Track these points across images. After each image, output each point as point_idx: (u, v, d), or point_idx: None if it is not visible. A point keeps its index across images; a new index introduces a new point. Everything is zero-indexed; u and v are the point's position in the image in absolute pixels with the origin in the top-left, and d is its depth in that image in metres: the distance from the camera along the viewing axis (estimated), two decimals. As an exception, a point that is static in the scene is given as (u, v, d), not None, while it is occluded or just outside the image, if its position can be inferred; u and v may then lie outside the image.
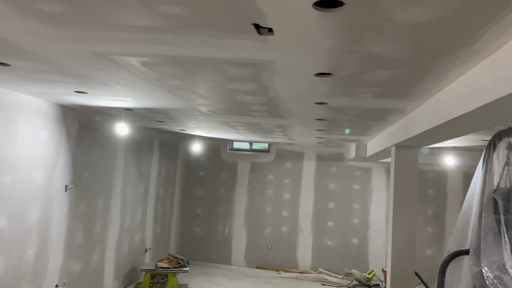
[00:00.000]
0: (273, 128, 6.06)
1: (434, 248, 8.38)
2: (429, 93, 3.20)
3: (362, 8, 1.70)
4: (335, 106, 3.96)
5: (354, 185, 8.97)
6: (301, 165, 9.17)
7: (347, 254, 8.78)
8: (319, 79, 2.93)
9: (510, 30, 1.86)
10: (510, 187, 3.97)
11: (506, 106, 2.28)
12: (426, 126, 3.52)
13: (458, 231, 4.49)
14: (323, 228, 8.95)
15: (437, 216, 8.58)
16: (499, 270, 3.47)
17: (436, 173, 8.67)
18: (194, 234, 9.38)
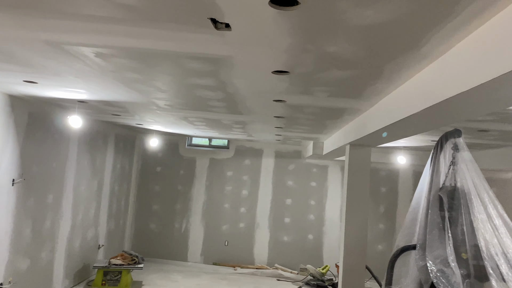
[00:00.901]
0: (233, 125, 6.06)
1: (385, 244, 8.71)
2: (382, 93, 3.32)
3: (316, 8, 1.74)
4: (292, 104, 4.02)
5: (311, 182, 9.14)
6: (260, 162, 9.24)
7: (303, 249, 8.95)
8: (277, 77, 2.96)
9: (456, 34, 1.96)
10: (455, 186, 4.20)
11: (453, 107, 2.39)
12: (378, 125, 3.64)
13: (406, 227, 4.69)
14: (280, 224, 9.07)
15: (389, 213, 8.92)
16: (442, 264, 3.66)
17: (388, 172, 9.00)
18: (150, 230, 9.23)
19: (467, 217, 3.92)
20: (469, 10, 1.68)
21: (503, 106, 2.48)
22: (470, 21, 1.79)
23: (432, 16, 1.76)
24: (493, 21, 1.73)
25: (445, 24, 1.84)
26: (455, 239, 3.86)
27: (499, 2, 1.60)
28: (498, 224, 3.72)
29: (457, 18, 1.76)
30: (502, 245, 3.58)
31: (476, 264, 3.65)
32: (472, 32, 1.90)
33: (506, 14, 1.64)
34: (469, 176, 4.09)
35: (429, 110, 2.50)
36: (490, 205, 3.87)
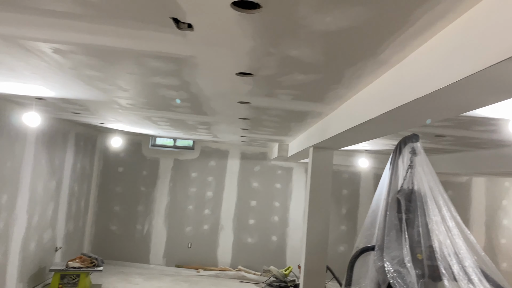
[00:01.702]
0: (197, 125, 6.01)
1: (347, 245, 8.89)
2: (343, 98, 3.39)
3: (278, 12, 1.76)
4: (257, 106, 4.04)
5: (276, 184, 9.21)
6: (226, 163, 9.21)
7: (267, 251, 9.00)
8: (241, 79, 2.97)
9: (411, 43, 2.03)
10: (412, 189, 4.35)
11: (409, 113, 2.47)
12: (340, 129, 3.71)
13: (366, 229, 4.82)
14: (244, 226, 9.08)
15: (350, 215, 9.12)
16: (399, 265, 3.78)
17: (350, 174, 9.20)
18: (111, 232, 9.00)
19: (423, 219, 4.08)
20: (423, 20, 1.75)
21: (457, 113, 2.58)
22: (424, 31, 1.86)
23: (389, 24, 1.82)
24: (445, 31, 1.81)
25: (401, 33, 1.91)
26: (412, 240, 4.00)
27: (449, 14, 1.67)
28: (451, 226, 3.89)
29: (412, 27, 1.83)
30: (454, 245, 3.74)
31: (431, 264, 3.79)
32: (427, 41, 1.98)
33: (456, 26, 1.72)
34: (425, 179, 4.25)
35: (387, 115, 2.57)
36: (444, 208, 4.03)
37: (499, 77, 1.54)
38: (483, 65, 1.47)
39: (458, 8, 1.61)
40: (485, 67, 1.46)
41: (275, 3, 1.67)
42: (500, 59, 1.37)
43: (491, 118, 3.71)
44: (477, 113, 3.53)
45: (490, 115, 3.57)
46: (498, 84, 1.64)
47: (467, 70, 1.57)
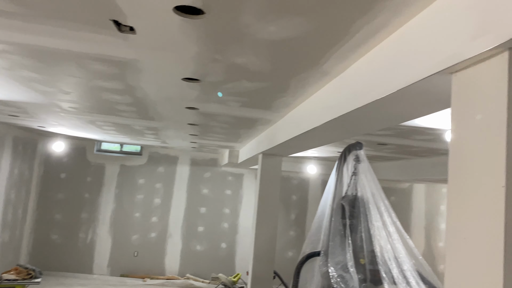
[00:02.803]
0: (144, 130, 5.86)
1: (295, 250, 9.00)
2: (290, 106, 3.44)
3: (221, 19, 1.75)
4: (206, 112, 4.00)
5: (226, 190, 9.16)
6: (175, 170, 9.04)
7: (216, 258, 8.91)
8: (187, 84, 2.93)
9: (351, 55, 2.10)
10: (356, 195, 4.48)
11: (351, 122, 2.54)
12: (287, 136, 3.76)
13: (312, 234, 4.90)
14: (193, 233, 8.94)
15: (299, 220, 9.25)
16: (343, 270, 3.87)
17: (300, 180, 9.35)
18: (51, 241, 8.53)
19: (366, 224, 4.21)
20: (361, 34, 1.81)
21: (395, 122, 2.69)
22: (363, 44, 1.92)
23: (330, 36, 1.87)
24: (382, 45, 1.88)
25: (342, 45, 1.96)
26: (355, 246, 4.11)
27: (385, 29, 1.74)
28: (392, 231, 4.04)
29: (351, 40, 1.89)
30: (394, 250, 3.89)
31: (372, 268, 3.92)
32: (366, 54, 2.05)
33: (392, 40, 1.79)
34: (368, 186, 4.40)
35: (330, 124, 2.64)
36: (385, 213, 4.19)
37: (430, 90, 1.62)
38: (415, 78, 1.54)
39: (393, 23, 1.68)
40: (417, 80, 1.53)
41: (218, 10, 1.66)
42: (429, 73, 1.44)
43: (429, 128, 3.91)
44: (416, 123, 3.71)
45: (428, 125, 3.77)
46: (429, 97, 1.72)
47: (401, 82, 1.64)
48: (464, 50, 1.26)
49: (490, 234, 1.13)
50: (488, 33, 1.17)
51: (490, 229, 1.13)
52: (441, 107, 1.88)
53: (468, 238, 1.23)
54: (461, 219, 1.27)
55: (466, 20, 1.28)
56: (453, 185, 1.32)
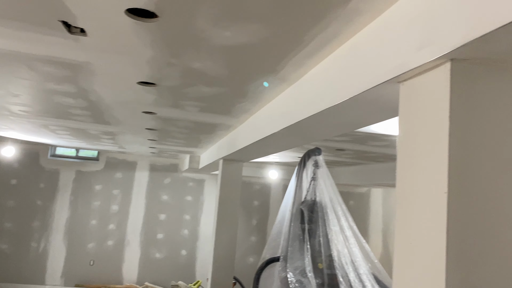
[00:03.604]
0: (101, 135, 5.69)
1: (257, 256, 8.99)
2: (250, 112, 3.44)
3: (175, 23, 1.72)
4: (164, 117, 3.93)
5: (186, 196, 9.03)
6: (133, 175, 8.82)
7: (176, 265, 8.75)
8: (143, 88, 2.87)
9: (307, 62, 2.13)
10: (314, 200, 4.54)
11: (307, 128, 2.57)
12: (247, 141, 3.76)
13: (272, 240, 4.92)
14: (152, 241, 8.74)
15: (261, 226, 9.26)
16: (301, 274, 3.91)
17: (261, 185, 9.37)
18: (1, 252, 8.08)
19: (324, 229, 4.28)
20: (316, 42, 1.83)
21: (350, 129, 2.75)
22: (318, 52, 1.95)
23: (286, 43, 1.88)
24: (335, 53, 1.92)
25: (297, 52, 1.98)
26: (313, 250, 4.17)
27: (338, 38, 1.78)
28: (349, 235, 4.13)
29: (307, 47, 1.91)
30: (351, 254, 3.97)
31: (330, 273, 3.98)
32: (321, 62, 2.08)
33: (344, 49, 1.83)
34: (326, 191, 4.47)
35: (288, 130, 2.66)
36: (343, 218, 4.27)
37: (380, 98, 1.67)
38: (366, 87, 1.57)
39: (345, 33, 1.72)
40: (367, 88, 1.56)
41: (172, 14, 1.64)
42: (379, 82, 1.48)
43: (384, 134, 4.02)
44: (372, 129, 3.80)
45: (383, 131, 3.88)
46: (380, 105, 1.77)
47: (352, 90, 1.68)
48: (410, 60, 1.30)
49: (433, 238, 1.16)
50: (432, 44, 1.21)
51: (433, 234, 1.17)
52: (391, 115, 1.93)
53: (413, 242, 1.26)
54: (408, 224, 1.31)
55: (412, 31, 1.32)
56: (400, 191, 1.36)
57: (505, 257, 1.15)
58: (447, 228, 1.12)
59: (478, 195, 1.16)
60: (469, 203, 1.15)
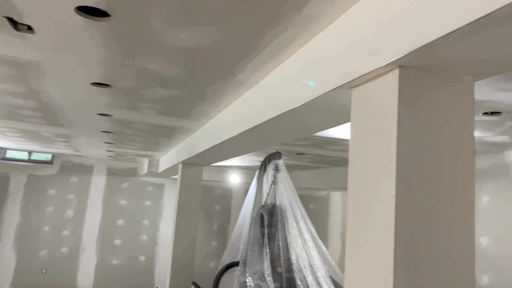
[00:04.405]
0: (54, 138, 5.46)
1: (217, 261, 8.91)
2: (209, 115, 3.41)
3: (129, 23, 1.68)
4: (120, 119, 3.83)
5: (145, 201, 8.83)
6: (90, 180, 8.52)
7: (134, 272, 8.52)
8: (97, 89, 2.77)
9: (265, 66, 2.13)
10: (274, 204, 4.57)
11: (265, 131, 2.57)
12: (206, 145, 3.72)
13: (232, 244, 4.90)
14: (109, 247, 8.47)
15: (222, 230, 9.20)
16: (260, 279, 3.91)
17: (223, 189, 9.32)
18: None
19: (283, 233, 4.30)
20: (273, 46, 1.84)
21: (308, 133, 2.79)
22: (275, 56, 1.96)
23: (242, 47, 1.88)
24: (292, 58, 1.94)
25: (255, 56, 1.98)
26: (272, 254, 4.18)
27: (294, 43, 1.79)
28: (307, 238, 4.17)
29: (264, 51, 1.91)
30: (309, 258, 4.02)
31: (289, 276, 4.01)
32: (278, 66, 2.09)
33: (300, 54, 1.85)
34: (286, 194, 4.51)
35: (246, 134, 2.65)
36: (301, 221, 4.31)
37: (335, 103, 1.69)
38: (320, 92, 1.59)
39: (301, 38, 1.74)
40: (321, 93, 1.58)
41: (124, 13, 1.59)
42: (332, 87, 1.50)
43: (342, 138, 4.10)
44: (330, 134, 3.87)
45: (341, 136, 3.95)
46: (334, 110, 1.80)
47: (308, 95, 1.69)
48: (361, 67, 1.33)
49: (382, 241, 1.19)
50: (381, 51, 1.24)
51: (382, 236, 1.19)
52: (346, 120, 1.96)
53: (364, 245, 1.28)
54: (358, 227, 1.33)
55: (363, 38, 1.35)
56: (351, 195, 1.38)
57: (448, 257, 1.19)
58: (395, 230, 1.15)
59: (424, 198, 1.19)
60: (416, 206, 1.18)
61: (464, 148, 1.24)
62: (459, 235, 1.20)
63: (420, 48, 1.09)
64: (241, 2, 1.46)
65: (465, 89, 1.27)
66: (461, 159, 1.23)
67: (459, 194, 1.22)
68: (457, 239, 1.20)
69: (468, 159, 1.24)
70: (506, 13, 0.89)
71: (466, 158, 1.23)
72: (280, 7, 1.48)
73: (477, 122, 2.89)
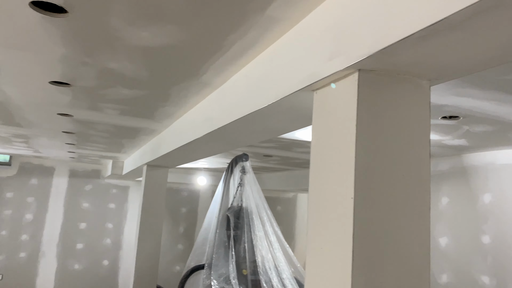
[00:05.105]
0: (12, 138, 5.23)
1: (184, 264, 8.79)
2: (174, 116, 3.36)
3: (87, 20, 1.62)
4: (81, 120, 3.71)
5: (109, 204, 8.60)
6: (51, 182, 8.21)
7: (96, 277, 8.28)
8: (56, 88, 2.68)
9: (229, 68, 2.12)
10: (241, 206, 4.56)
11: (230, 133, 2.55)
12: (171, 147, 3.66)
13: (198, 247, 4.85)
14: (71, 251, 8.19)
15: (188, 233, 9.09)
16: (225, 282, 3.88)
17: (189, 192, 9.22)
18: None
19: (249, 235, 4.29)
20: (236, 47, 1.83)
21: (273, 135, 2.78)
22: (239, 57, 1.95)
23: (205, 47, 1.86)
24: (256, 60, 1.93)
25: (218, 57, 1.97)
26: (238, 257, 4.16)
27: (258, 45, 1.79)
28: (273, 240, 4.18)
29: (228, 52, 1.90)
30: (275, 259, 4.03)
31: (254, 279, 4.00)
32: (242, 68, 2.09)
33: (264, 56, 1.85)
34: (253, 196, 4.51)
35: (211, 135, 2.63)
36: (267, 223, 4.32)
37: (298, 106, 1.70)
38: (283, 94, 1.59)
39: (265, 40, 1.74)
40: (284, 96, 1.58)
41: (82, 9, 1.54)
42: (294, 89, 1.50)
43: (308, 141, 4.14)
44: (296, 136, 3.90)
45: (307, 138, 3.99)
46: (298, 112, 1.80)
47: (271, 97, 1.69)
48: (322, 69, 1.34)
49: (341, 242, 1.20)
50: (341, 54, 1.26)
51: (341, 238, 1.20)
52: (309, 122, 1.97)
53: (323, 246, 1.29)
54: (318, 228, 1.33)
55: (324, 41, 1.36)
56: (312, 196, 1.39)
57: (404, 257, 1.21)
58: (353, 231, 1.16)
59: (381, 199, 1.21)
60: (374, 207, 1.20)
61: (420, 150, 1.27)
62: (415, 235, 1.23)
63: (378, 52, 1.11)
64: (201, 2, 1.44)
65: (422, 93, 1.31)
66: (417, 161, 1.26)
67: (415, 195, 1.24)
68: (413, 239, 1.23)
69: (424, 161, 1.27)
70: (459, 19, 0.91)
71: (422, 160, 1.27)
72: (242, 8, 1.47)
73: (436, 126, 2.98)
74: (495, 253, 3.77)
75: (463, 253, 4.11)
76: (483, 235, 3.90)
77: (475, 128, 3.04)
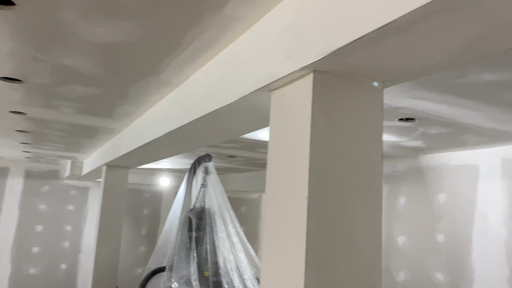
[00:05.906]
0: (-40, 137, 4.95)
1: (145, 267, 8.62)
2: (133, 115, 3.28)
3: (36, 13, 1.55)
4: (35, 118, 3.56)
5: (68, 206, 8.31)
6: (5, 183, 7.83)
7: (54, 281, 7.97)
8: (7, 85, 2.55)
9: (188, 66, 2.09)
10: (203, 207, 4.51)
11: (190, 133, 2.51)
12: (130, 147, 3.58)
13: (159, 249, 4.76)
14: (26, 255, 7.84)
15: (151, 235, 8.92)
16: (186, 284, 3.82)
17: (152, 193, 9.05)
18: None
19: (211, 236, 4.25)
20: (195, 46, 1.81)
21: (234, 135, 2.77)
22: (198, 56, 1.93)
23: (163, 45, 1.82)
24: (215, 59, 1.92)
25: (177, 55, 1.93)
26: (200, 258, 4.11)
27: (220, 42, 1.77)
28: (235, 241, 4.16)
29: (186, 50, 1.87)
30: (237, 260, 4.01)
31: (216, 280, 3.96)
32: (202, 66, 2.06)
33: (223, 55, 1.84)
34: (215, 197, 4.47)
35: (171, 135, 2.58)
36: (230, 224, 4.29)
37: (256, 106, 1.69)
38: (241, 94, 1.58)
39: (224, 39, 1.72)
40: (242, 95, 1.58)
41: (30, 2, 1.47)
42: (252, 89, 1.50)
43: (270, 142, 4.14)
44: (259, 136, 3.90)
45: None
46: (256, 112, 1.80)
47: (229, 97, 1.68)
48: (279, 70, 1.34)
49: (295, 241, 1.20)
50: (297, 55, 1.26)
51: (295, 237, 1.20)
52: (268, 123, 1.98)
53: (278, 246, 1.29)
54: (273, 228, 1.33)
55: (281, 42, 1.36)
56: (269, 196, 1.38)
57: (356, 256, 1.23)
58: (307, 231, 1.16)
59: (335, 199, 1.22)
60: (327, 207, 1.21)
61: (373, 151, 1.29)
62: (367, 234, 1.25)
63: (331, 54, 1.12)
64: (158, -2, 1.41)
65: (375, 95, 1.33)
66: (370, 162, 1.28)
67: (368, 195, 1.26)
68: (365, 239, 1.24)
69: (376, 161, 1.29)
70: (406, 23, 0.93)
71: (375, 161, 1.29)
72: (199, 6, 1.45)
73: (393, 127, 3.07)
74: (449, 251, 3.92)
75: (419, 251, 4.25)
76: (438, 234, 4.04)
77: (431, 130, 3.14)
